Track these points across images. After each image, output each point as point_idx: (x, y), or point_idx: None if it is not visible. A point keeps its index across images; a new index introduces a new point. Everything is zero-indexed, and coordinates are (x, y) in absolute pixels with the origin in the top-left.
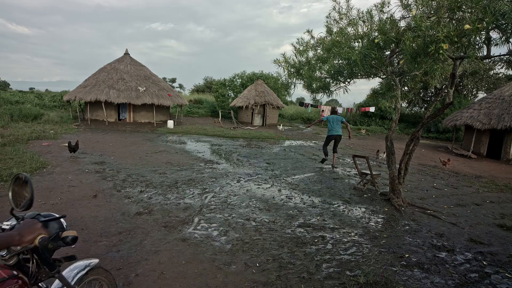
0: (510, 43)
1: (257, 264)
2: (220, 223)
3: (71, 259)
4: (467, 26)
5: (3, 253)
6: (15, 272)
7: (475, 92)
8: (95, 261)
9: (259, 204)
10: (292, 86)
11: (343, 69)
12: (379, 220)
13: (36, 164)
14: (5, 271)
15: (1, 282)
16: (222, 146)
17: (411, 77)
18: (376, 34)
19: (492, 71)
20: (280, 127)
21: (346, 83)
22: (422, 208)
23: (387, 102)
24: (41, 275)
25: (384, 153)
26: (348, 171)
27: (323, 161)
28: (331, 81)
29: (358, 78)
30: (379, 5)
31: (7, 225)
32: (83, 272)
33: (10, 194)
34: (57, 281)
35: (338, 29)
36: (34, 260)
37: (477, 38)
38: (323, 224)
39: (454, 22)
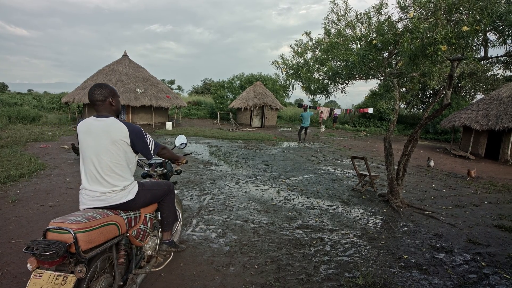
0: (507, 45)
1: (256, 266)
2: (218, 225)
3: (175, 184)
4: (464, 28)
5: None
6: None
7: (473, 93)
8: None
9: (258, 205)
10: (291, 88)
11: (341, 71)
12: (377, 221)
13: (34, 166)
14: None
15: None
16: (220, 148)
17: (409, 79)
18: (374, 35)
19: (489, 72)
20: (320, 135)
21: (344, 84)
22: (420, 209)
23: (385, 104)
24: None
25: (432, 160)
26: (346, 173)
27: (298, 141)
28: (329, 82)
29: (356, 79)
30: (377, 7)
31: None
32: None
33: (176, 139)
34: None
35: (336, 30)
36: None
37: (475, 39)
38: (322, 226)
39: (451, 24)
